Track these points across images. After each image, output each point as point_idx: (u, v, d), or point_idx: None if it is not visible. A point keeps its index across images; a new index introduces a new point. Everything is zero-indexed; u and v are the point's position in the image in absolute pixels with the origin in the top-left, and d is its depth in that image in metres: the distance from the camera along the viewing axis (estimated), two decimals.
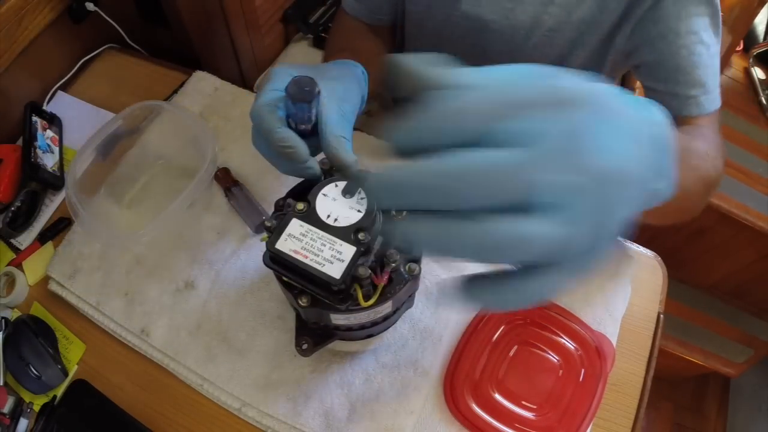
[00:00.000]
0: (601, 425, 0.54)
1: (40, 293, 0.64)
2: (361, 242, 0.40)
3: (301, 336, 0.49)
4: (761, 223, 1.08)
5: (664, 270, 0.63)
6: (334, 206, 0.42)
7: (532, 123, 0.22)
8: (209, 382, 0.55)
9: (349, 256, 0.40)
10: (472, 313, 0.57)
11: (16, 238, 0.68)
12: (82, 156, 0.61)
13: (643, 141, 0.24)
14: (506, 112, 0.22)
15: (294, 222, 0.42)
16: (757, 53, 1.25)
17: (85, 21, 0.82)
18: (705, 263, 1.30)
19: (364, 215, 0.42)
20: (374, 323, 0.49)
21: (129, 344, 0.59)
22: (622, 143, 0.23)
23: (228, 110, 0.72)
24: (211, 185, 0.66)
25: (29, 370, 0.57)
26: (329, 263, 0.40)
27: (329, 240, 0.41)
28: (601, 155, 0.22)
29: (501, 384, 0.53)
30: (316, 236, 0.41)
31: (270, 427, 0.53)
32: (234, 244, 0.62)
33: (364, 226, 0.41)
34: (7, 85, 0.74)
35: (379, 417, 0.52)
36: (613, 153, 0.22)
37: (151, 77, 0.81)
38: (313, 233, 0.41)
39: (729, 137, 1.17)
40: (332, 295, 0.41)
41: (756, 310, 1.36)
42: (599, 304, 0.58)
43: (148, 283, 0.60)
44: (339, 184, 0.44)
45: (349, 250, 0.40)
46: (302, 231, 0.41)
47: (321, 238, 0.41)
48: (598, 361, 0.54)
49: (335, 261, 0.40)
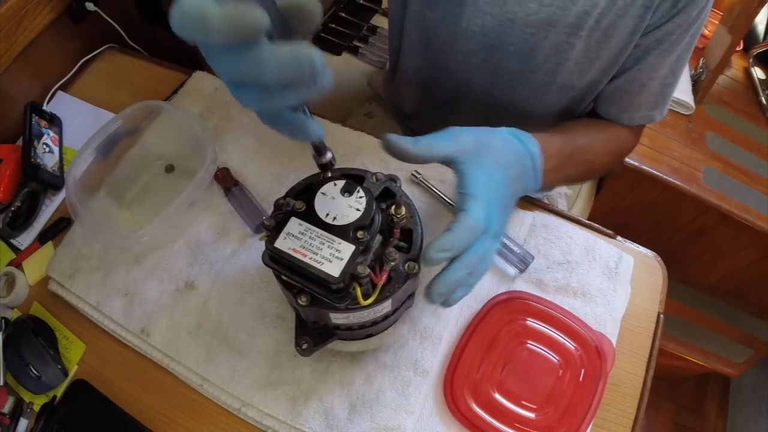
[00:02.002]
0: (601, 425, 0.54)
1: (40, 293, 0.64)
2: (360, 241, 0.40)
3: (300, 336, 0.49)
4: (761, 223, 1.08)
5: (664, 270, 0.63)
6: (333, 205, 0.42)
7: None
8: (209, 382, 0.55)
9: (348, 255, 0.40)
10: (472, 313, 0.58)
11: (16, 238, 0.68)
12: (82, 156, 0.61)
13: (512, 163, 0.49)
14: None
15: (293, 221, 0.42)
16: (757, 53, 1.25)
17: (84, 21, 0.82)
18: (705, 263, 1.30)
19: (363, 214, 0.42)
20: (374, 322, 0.49)
21: (129, 344, 0.59)
22: (488, 174, 0.46)
23: (228, 110, 0.72)
24: (211, 185, 0.66)
25: (29, 370, 0.57)
26: (328, 262, 0.40)
27: (328, 239, 0.41)
28: (474, 184, 0.45)
29: (501, 384, 0.53)
30: (315, 235, 0.41)
31: (270, 427, 0.53)
32: (234, 244, 0.62)
33: (363, 224, 0.41)
34: (7, 85, 0.74)
35: (379, 417, 0.52)
36: (477, 183, 0.45)
37: (151, 77, 0.81)
38: (312, 232, 0.41)
39: (729, 137, 1.17)
40: (331, 293, 0.41)
41: (756, 310, 1.36)
42: (599, 304, 0.58)
43: (148, 283, 0.60)
44: (338, 183, 0.44)
45: (347, 248, 0.40)
46: (301, 230, 0.41)
47: (320, 237, 0.41)
48: (598, 361, 0.54)
49: (334, 259, 0.40)
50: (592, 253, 0.61)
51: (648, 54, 0.59)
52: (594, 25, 0.56)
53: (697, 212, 1.13)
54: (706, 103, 1.20)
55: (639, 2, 0.54)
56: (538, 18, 0.57)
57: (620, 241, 0.64)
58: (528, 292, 0.59)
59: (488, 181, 0.46)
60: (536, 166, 0.53)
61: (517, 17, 0.57)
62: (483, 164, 0.47)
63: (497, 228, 0.46)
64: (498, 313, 0.56)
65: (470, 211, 0.43)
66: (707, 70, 1.16)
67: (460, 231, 0.42)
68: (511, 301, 0.57)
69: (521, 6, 0.57)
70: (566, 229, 0.62)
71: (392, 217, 0.45)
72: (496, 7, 0.58)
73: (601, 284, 0.59)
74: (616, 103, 0.67)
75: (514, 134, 0.52)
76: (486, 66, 0.65)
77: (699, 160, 1.12)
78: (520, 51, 0.61)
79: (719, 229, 1.15)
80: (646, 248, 0.64)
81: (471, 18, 0.60)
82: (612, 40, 0.58)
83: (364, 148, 0.68)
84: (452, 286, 0.43)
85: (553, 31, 0.58)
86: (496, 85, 0.68)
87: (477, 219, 0.43)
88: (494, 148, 0.49)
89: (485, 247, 0.44)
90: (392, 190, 0.48)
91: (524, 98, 0.68)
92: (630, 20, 0.56)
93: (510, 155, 0.50)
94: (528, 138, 0.53)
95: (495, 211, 0.45)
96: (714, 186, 1.09)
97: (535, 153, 0.53)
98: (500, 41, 0.61)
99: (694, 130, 1.17)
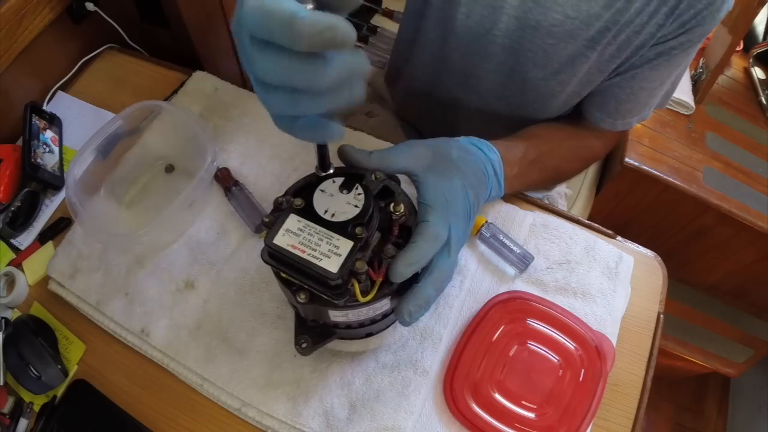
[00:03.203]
0: (601, 425, 0.54)
1: (40, 293, 0.64)
2: (358, 237, 0.40)
3: (300, 335, 0.49)
4: (761, 223, 1.08)
5: (664, 270, 0.63)
6: (332, 202, 0.42)
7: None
8: (209, 382, 0.55)
9: (347, 251, 0.40)
10: (472, 313, 0.58)
11: (16, 238, 0.68)
12: (82, 156, 0.61)
13: (470, 171, 0.50)
14: None
15: (292, 217, 0.42)
16: (757, 53, 1.25)
17: (84, 21, 0.82)
18: (705, 263, 1.30)
19: (361, 210, 0.42)
20: (373, 321, 0.49)
21: (129, 344, 0.59)
22: (446, 184, 0.48)
23: (228, 110, 0.72)
24: (211, 185, 0.66)
25: (29, 370, 0.56)
26: (326, 258, 0.40)
27: (326, 235, 0.41)
28: (431, 195, 0.47)
29: (501, 384, 0.53)
30: (314, 231, 0.41)
31: (270, 427, 0.53)
32: (234, 244, 0.62)
33: (361, 221, 0.41)
34: (7, 85, 0.74)
35: (379, 417, 0.52)
36: (435, 193, 0.47)
37: (151, 77, 0.81)
38: (311, 228, 0.41)
39: (729, 137, 1.17)
40: (330, 290, 0.41)
41: (756, 310, 1.36)
42: (599, 304, 0.58)
43: (148, 283, 0.60)
44: (336, 180, 0.44)
45: (346, 244, 0.40)
46: (300, 226, 0.41)
47: (318, 233, 0.41)
48: (598, 361, 0.54)
49: (332, 255, 0.40)
50: (592, 253, 0.61)
51: (645, 64, 0.60)
52: (611, 39, 0.57)
53: (697, 212, 1.13)
54: (706, 103, 1.20)
55: (653, 21, 0.55)
56: (562, 30, 0.57)
57: (620, 241, 0.64)
58: (528, 292, 0.59)
59: (446, 191, 0.47)
60: (498, 173, 0.55)
61: (541, 25, 0.58)
62: (440, 174, 0.48)
63: (458, 236, 0.47)
64: (498, 313, 0.56)
65: (430, 221, 0.45)
66: (707, 70, 1.16)
67: (423, 242, 0.43)
68: (511, 301, 0.57)
69: (546, 15, 0.57)
70: (566, 229, 0.62)
71: (391, 215, 0.45)
72: (521, 11, 0.58)
73: (601, 284, 0.59)
74: (603, 107, 0.66)
75: (471, 142, 0.54)
76: (501, 69, 0.65)
77: (699, 160, 1.12)
78: (538, 58, 0.61)
79: (719, 229, 1.15)
80: (646, 248, 0.64)
81: (496, 21, 0.60)
82: (623, 54, 0.59)
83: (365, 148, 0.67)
84: (422, 305, 0.45)
85: (573, 43, 0.58)
86: (507, 89, 0.68)
87: (437, 228, 0.45)
88: (451, 156, 0.50)
89: (448, 264, 0.46)
90: (391, 188, 0.48)
91: (531, 104, 0.68)
92: (643, 37, 0.56)
93: (468, 163, 0.51)
94: (487, 145, 0.55)
95: (456, 219, 0.47)
96: (714, 186, 1.09)
97: (495, 160, 0.54)
98: (521, 46, 0.61)
99: (694, 130, 1.17)
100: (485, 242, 0.61)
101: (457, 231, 0.46)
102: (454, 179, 0.48)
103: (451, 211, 0.46)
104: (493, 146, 0.55)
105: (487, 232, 0.60)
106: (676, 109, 1.18)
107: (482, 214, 0.62)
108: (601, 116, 0.67)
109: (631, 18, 0.55)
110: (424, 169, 0.48)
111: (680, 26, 0.55)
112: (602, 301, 0.58)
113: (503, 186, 0.56)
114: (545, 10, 0.56)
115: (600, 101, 0.66)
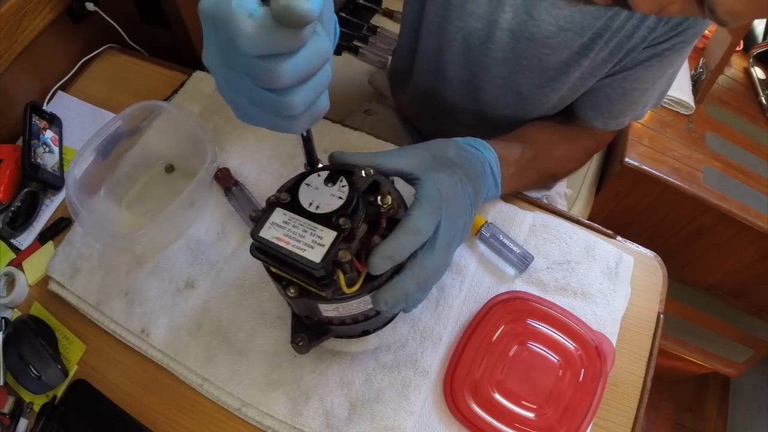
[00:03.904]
0: (601, 425, 0.54)
1: (40, 293, 0.64)
2: (342, 227, 0.41)
3: (297, 333, 0.50)
4: (761, 223, 1.07)
5: (664, 270, 0.63)
6: (317, 195, 0.43)
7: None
8: (209, 382, 0.55)
9: (330, 241, 0.40)
10: (472, 313, 0.58)
11: (16, 238, 0.68)
12: (82, 156, 0.61)
13: (466, 169, 0.49)
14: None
15: (278, 211, 0.42)
16: (757, 53, 1.25)
17: (84, 21, 0.82)
18: (705, 263, 1.30)
19: (345, 201, 0.42)
20: (367, 317, 0.49)
21: (129, 344, 0.59)
22: (441, 181, 0.46)
23: (228, 110, 0.72)
24: (211, 185, 0.66)
25: (29, 370, 0.57)
26: (310, 248, 0.40)
27: (310, 226, 0.41)
28: (423, 192, 0.46)
29: (501, 384, 0.53)
30: (298, 223, 0.42)
31: (270, 427, 0.53)
32: (234, 244, 0.62)
33: (345, 212, 0.42)
34: (7, 85, 0.74)
35: (379, 417, 0.52)
36: (428, 190, 0.45)
37: (151, 77, 0.81)
38: (296, 221, 0.42)
39: (729, 137, 1.17)
40: (315, 281, 0.41)
41: (756, 310, 1.36)
42: (599, 304, 0.58)
43: (148, 283, 0.60)
44: (322, 173, 0.44)
45: (329, 235, 0.41)
46: (285, 219, 0.42)
47: (303, 225, 0.41)
48: (598, 361, 0.54)
49: (316, 246, 0.40)
50: (592, 253, 0.61)
51: (638, 65, 0.60)
52: (603, 45, 0.57)
53: (697, 212, 1.13)
54: (706, 103, 1.20)
55: (644, 25, 0.55)
56: (555, 41, 0.57)
57: (620, 241, 0.64)
58: (528, 292, 0.59)
59: (442, 185, 0.46)
60: (495, 172, 0.54)
61: (535, 37, 0.58)
62: (437, 173, 0.47)
63: (449, 232, 0.45)
64: (498, 313, 0.56)
65: (412, 215, 0.43)
66: (707, 70, 1.16)
67: (401, 236, 0.42)
68: (510, 301, 0.57)
69: (539, 28, 0.57)
70: (566, 229, 0.62)
71: (379, 208, 0.45)
72: (515, 24, 0.58)
73: (601, 284, 0.59)
74: (596, 107, 0.66)
75: (468, 142, 0.54)
76: (496, 79, 0.66)
77: (699, 160, 1.12)
78: (533, 66, 0.61)
79: (719, 229, 1.15)
80: (646, 248, 0.64)
81: (490, 33, 0.60)
82: (615, 58, 0.59)
83: (364, 147, 0.68)
84: (399, 297, 0.43)
85: (566, 51, 0.58)
86: (503, 97, 0.68)
87: (419, 221, 0.43)
88: (448, 157, 0.50)
89: (431, 260, 0.44)
90: (379, 182, 0.48)
91: (525, 108, 0.69)
92: (634, 41, 0.56)
93: (466, 161, 0.51)
94: (483, 145, 0.55)
95: (448, 214, 0.45)
96: (714, 186, 1.09)
97: (492, 159, 0.54)
98: (515, 56, 0.61)
99: (694, 130, 1.17)
100: (485, 242, 0.61)
101: (448, 227, 0.45)
102: (452, 175, 0.48)
103: (444, 206, 0.45)
104: (490, 146, 0.55)
105: (486, 232, 0.60)
106: (676, 109, 1.18)
107: (482, 214, 0.62)
108: (593, 116, 0.67)
109: (622, 23, 0.55)
110: (423, 169, 0.48)
111: (672, 29, 0.55)
112: (602, 301, 0.58)
113: (500, 186, 0.56)
114: (539, 23, 0.57)
115: (593, 101, 0.66)
